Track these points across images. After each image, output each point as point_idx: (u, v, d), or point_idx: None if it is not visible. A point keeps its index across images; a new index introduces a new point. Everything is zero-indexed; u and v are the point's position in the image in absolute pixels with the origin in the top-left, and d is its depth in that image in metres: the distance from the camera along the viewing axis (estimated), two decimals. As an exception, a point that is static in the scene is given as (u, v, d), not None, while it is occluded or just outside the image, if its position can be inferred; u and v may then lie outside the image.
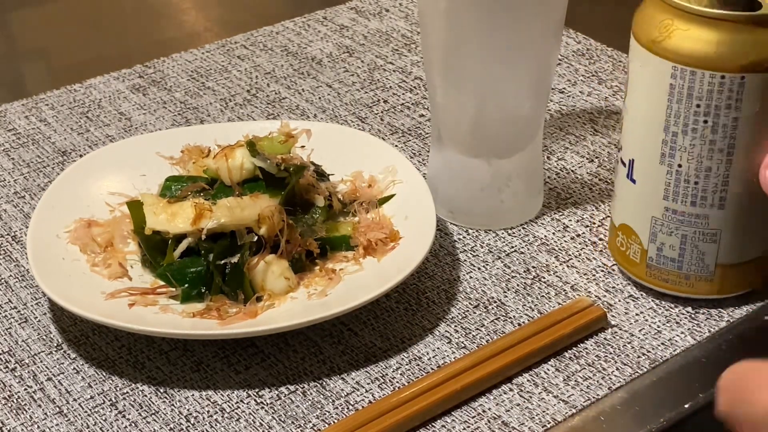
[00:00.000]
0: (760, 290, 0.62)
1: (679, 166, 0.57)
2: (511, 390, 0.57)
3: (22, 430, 0.56)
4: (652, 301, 0.63)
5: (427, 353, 0.59)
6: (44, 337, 0.62)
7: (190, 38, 0.97)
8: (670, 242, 0.59)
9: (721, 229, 0.58)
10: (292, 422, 0.55)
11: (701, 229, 0.58)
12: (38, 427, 0.56)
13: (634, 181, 0.60)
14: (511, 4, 0.62)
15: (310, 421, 0.55)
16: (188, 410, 0.56)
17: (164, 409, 0.56)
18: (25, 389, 0.58)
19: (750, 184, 0.57)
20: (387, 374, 0.58)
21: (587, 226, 0.69)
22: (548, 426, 0.55)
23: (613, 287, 0.64)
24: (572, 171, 0.74)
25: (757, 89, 0.54)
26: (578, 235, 0.68)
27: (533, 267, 0.65)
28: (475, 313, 0.62)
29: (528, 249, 0.67)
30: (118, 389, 0.58)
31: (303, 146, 0.69)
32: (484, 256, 0.66)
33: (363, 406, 0.56)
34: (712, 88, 0.54)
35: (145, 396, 0.57)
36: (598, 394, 0.57)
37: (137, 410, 0.56)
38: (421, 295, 0.64)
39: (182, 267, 0.61)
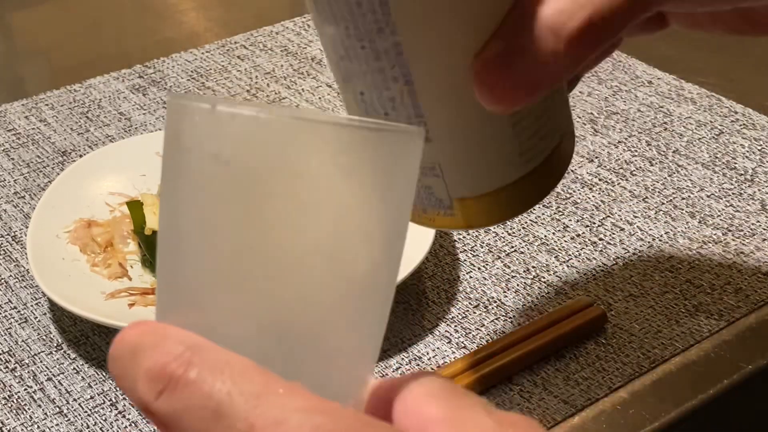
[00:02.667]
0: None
1: (362, 93, 0.42)
2: (511, 390, 0.57)
3: (22, 430, 0.56)
4: (653, 300, 0.63)
5: (427, 353, 0.59)
6: (44, 337, 0.62)
7: (190, 38, 0.97)
8: None
9: (439, 162, 0.43)
10: (292, 422, 0.55)
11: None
12: (38, 427, 0.56)
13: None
14: None
15: (310, 421, 0.55)
16: (188, 410, 0.56)
17: (164, 409, 0.56)
18: (25, 389, 0.58)
19: (448, 113, 0.42)
20: (387, 374, 0.58)
21: (587, 226, 0.69)
22: (548, 426, 0.55)
23: (613, 287, 0.64)
24: (572, 171, 0.74)
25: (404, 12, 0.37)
26: (578, 235, 0.68)
27: (533, 267, 0.65)
28: (475, 313, 0.62)
29: (528, 249, 0.67)
30: (118, 389, 0.58)
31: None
32: (484, 256, 0.66)
33: (363, 406, 0.56)
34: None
35: (145, 396, 0.57)
36: (598, 394, 0.57)
37: (137, 410, 0.56)
38: (421, 295, 0.64)
39: (182, 267, 0.61)
